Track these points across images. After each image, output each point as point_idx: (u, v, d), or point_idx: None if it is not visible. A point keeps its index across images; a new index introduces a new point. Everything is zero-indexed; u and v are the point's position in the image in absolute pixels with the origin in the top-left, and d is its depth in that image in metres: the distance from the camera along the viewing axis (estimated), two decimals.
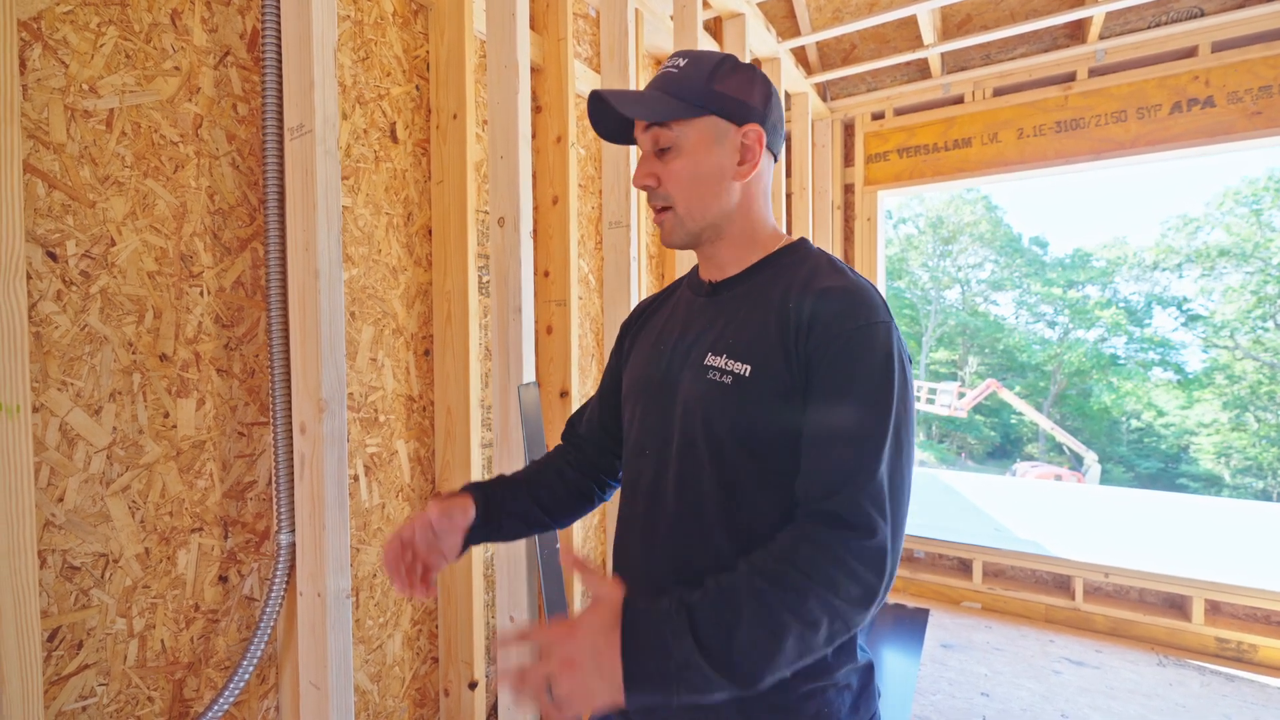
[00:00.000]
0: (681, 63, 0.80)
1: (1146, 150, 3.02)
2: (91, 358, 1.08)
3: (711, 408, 0.75)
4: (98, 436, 1.09)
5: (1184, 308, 21.43)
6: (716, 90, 0.78)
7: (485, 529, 0.88)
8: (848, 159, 3.85)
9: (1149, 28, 2.96)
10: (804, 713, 0.72)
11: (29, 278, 1.00)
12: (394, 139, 1.65)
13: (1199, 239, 20.40)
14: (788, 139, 3.60)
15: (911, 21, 3.25)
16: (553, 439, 1.98)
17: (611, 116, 0.83)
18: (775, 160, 0.86)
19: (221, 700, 1.18)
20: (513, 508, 0.91)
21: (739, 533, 0.74)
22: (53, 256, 1.03)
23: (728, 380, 0.74)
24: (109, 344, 1.10)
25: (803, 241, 0.85)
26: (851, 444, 0.66)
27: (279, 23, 1.20)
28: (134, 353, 1.14)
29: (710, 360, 0.77)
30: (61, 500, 1.04)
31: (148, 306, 1.15)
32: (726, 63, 0.80)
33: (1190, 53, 2.92)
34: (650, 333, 0.92)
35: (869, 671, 0.78)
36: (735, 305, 0.81)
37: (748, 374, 0.73)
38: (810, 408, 0.70)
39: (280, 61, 1.20)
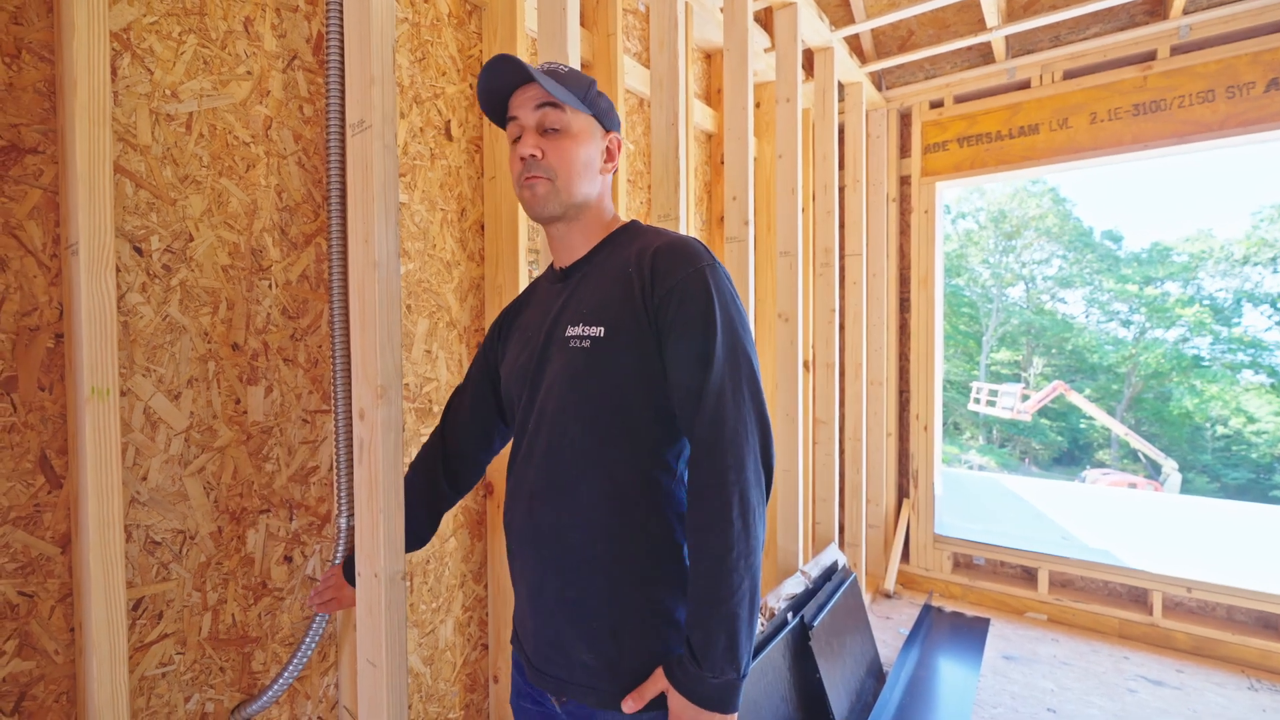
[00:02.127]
0: (563, 69, 0.94)
1: (1238, 132, 2.80)
2: (172, 346, 1.15)
3: (575, 371, 0.87)
4: (177, 420, 1.16)
5: (1278, 305, 19.77)
6: (593, 98, 0.94)
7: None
8: (904, 150, 3.72)
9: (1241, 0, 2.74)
10: (668, 620, 0.87)
11: (118, 271, 1.07)
12: (449, 137, 1.69)
13: None
14: (841, 130, 3.51)
15: (974, 4, 3.12)
16: None
17: (506, 85, 0.93)
18: None
19: (286, 674, 1.24)
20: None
21: (609, 484, 0.86)
22: (139, 251, 1.10)
23: (586, 344, 0.86)
24: (187, 333, 1.17)
25: (634, 222, 1.00)
26: (705, 367, 0.81)
27: (342, 26, 1.25)
28: (209, 342, 1.20)
29: (569, 331, 0.89)
30: (145, 479, 1.11)
31: (221, 298, 1.22)
32: (595, 84, 0.97)
33: None
34: (519, 329, 1.04)
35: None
36: (584, 281, 0.93)
37: (602, 335, 0.85)
38: (668, 350, 0.83)
39: (343, 63, 1.25)
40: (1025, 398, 14.88)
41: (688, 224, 2.40)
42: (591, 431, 0.86)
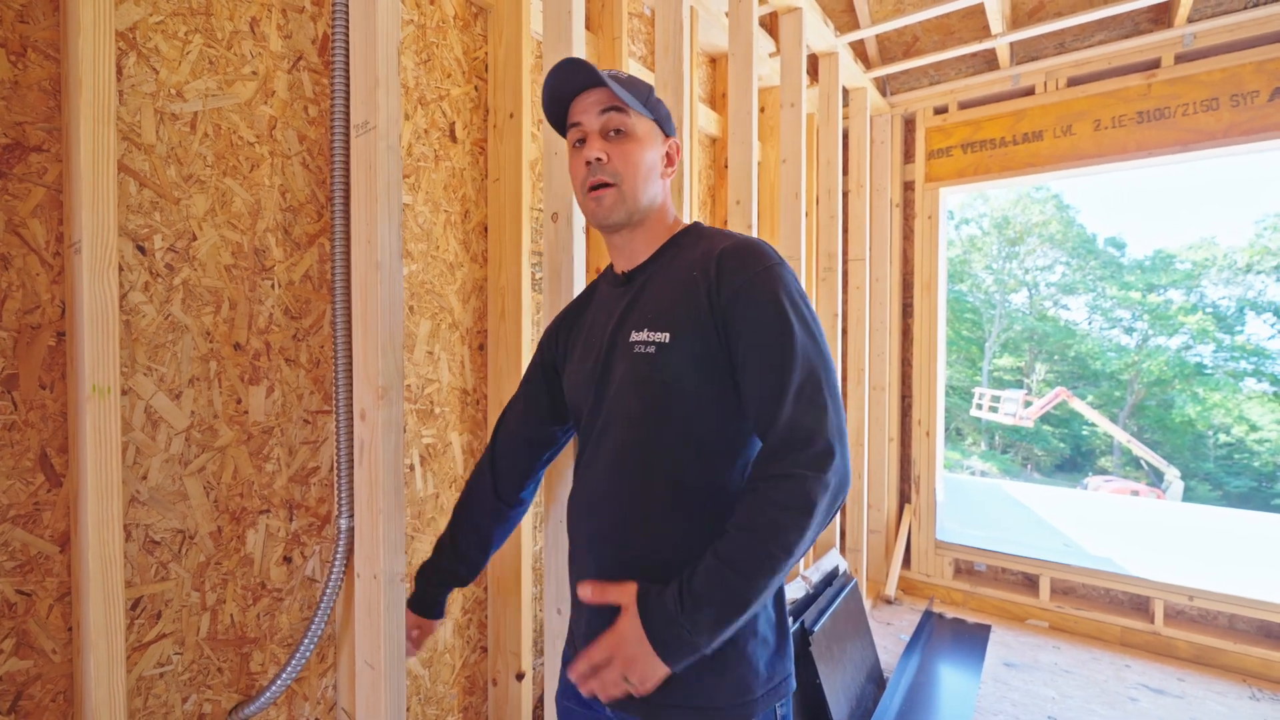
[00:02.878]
0: (623, 75, 0.93)
1: (1242, 140, 2.79)
2: (174, 345, 1.15)
3: (640, 377, 0.85)
4: (178, 419, 1.15)
5: None
6: (654, 103, 0.94)
7: (436, 606, 1.16)
8: (908, 155, 3.72)
9: (1246, 8, 2.74)
10: (729, 660, 0.82)
11: (120, 269, 1.07)
12: (453, 138, 1.69)
13: None
14: (845, 136, 3.51)
15: (978, 10, 3.12)
16: None
17: (572, 88, 0.92)
18: None
19: (284, 675, 1.24)
20: (443, 587, 1.15)
21: (675, 491, 0.83)
22: (141, 250, 1.11)
23: (651, 350, 0.84)
24: (189, 333, 1.17)
25: (696, 224, 0.97)
26: (785, 381, 0.77)
27: (347, 27, 1.25)
28: (211, 341, 1.20)
29: (634, 337, 0.87)
30: (145, 478, 1.11)
31: (224, 298, 1.22)
32: (654, 89, 0.97)
33: None
34: (580, 333, 1.02)
35: (785, 631, 0.89)
36: (648, 285, 0.91)
37: (668, 340, 0.83)
38: (738, 353, 0.81)
39: (348, 64, 1.25)
40: (1028, 404, 14.85)
41: None
42: (656, 438, 0.84)
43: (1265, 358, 19.93)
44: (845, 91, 3.32)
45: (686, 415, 0.83)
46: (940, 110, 3.58)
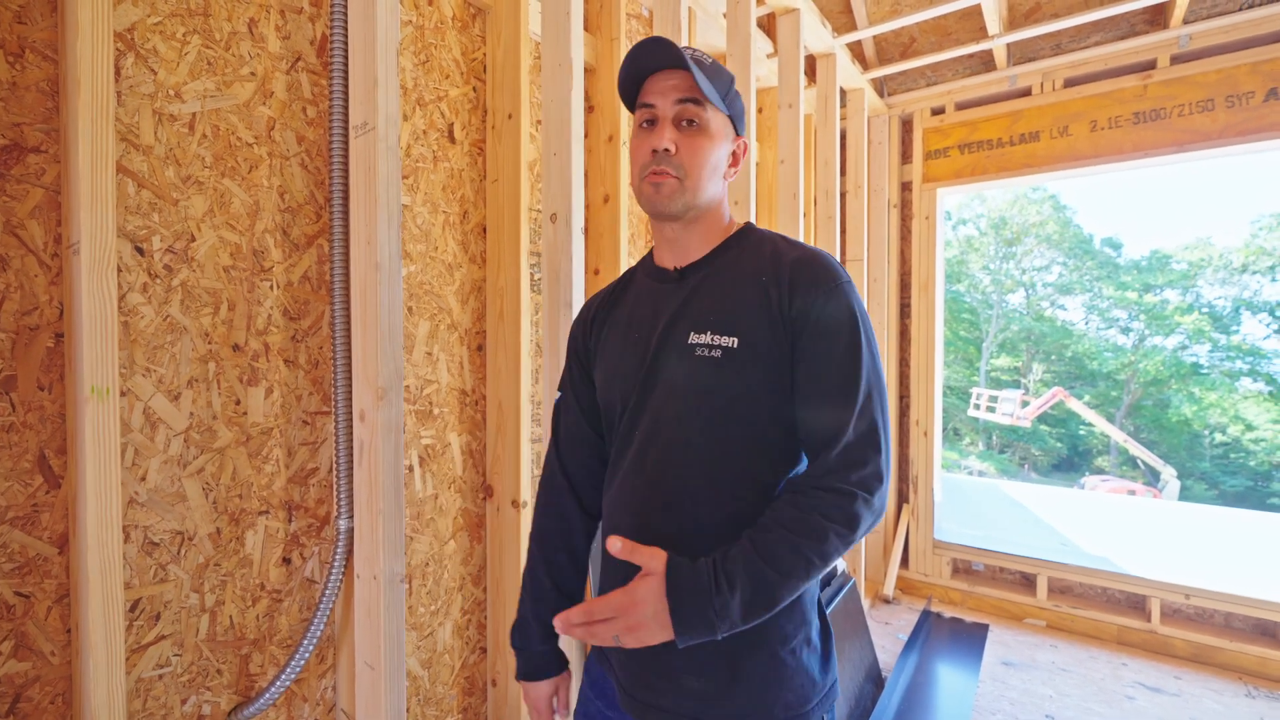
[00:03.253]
0: (708, 59, 0.86)
1: (1237, 141, 2.80)
2: (172, 346, 1.15)
3: (704, 382, 0.81)
4: (177, 421, 1.15)
5: (1277, 314, 19.80)
6: (733, 98, 0.88)
7: (559, 658, 0.99)
8: (905, 156, 3.73)
9: (1241, 9, 2.75)
10: (789, 670, 0.80)
11: (119, 270, 1.07)
12: (451, 139, 1.69)
13: None
14: (842, 136, 3.52)
15: (975, 12, 3.13)
16: None
17: (652, 66, 0.86)
18: None
19: (284, 677, 1.24)
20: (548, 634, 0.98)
21: (732, 501, 0.80)
22: (140, 251, 1.10)
23: (717, 354, 0.80)
24: (188, 334, 1.17)
25: (750, 225, 0.93)
26: (845, 393, 0.76)
27: (346, 28, 1.25)
28: (210, 343, 1.20)
29: (694, 339, 0.83)
30: (144, 479, 1.11)
31: (223, 299, 1.22)
32: (735, 81, 0.89)
33: None
34: (616, 327, 0.95)
35: (830, 637, 0.88)
36: (708, 285, 0.87)
37: (735, 345, 0.80)
38: (801, 370, 0.79)
39: (347, 65, 1.26)
40: (1025, 404, 14.89)
41: None
42: (715, 445, 0.81)
43: (1261, 357, 20.02)
44: (843, 92, 3.33)
45: (748, 422, 0.80)
46: (937, 111, 3.59)
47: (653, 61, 0.85)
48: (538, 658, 0.97)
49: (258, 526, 1.28)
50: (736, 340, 0.80)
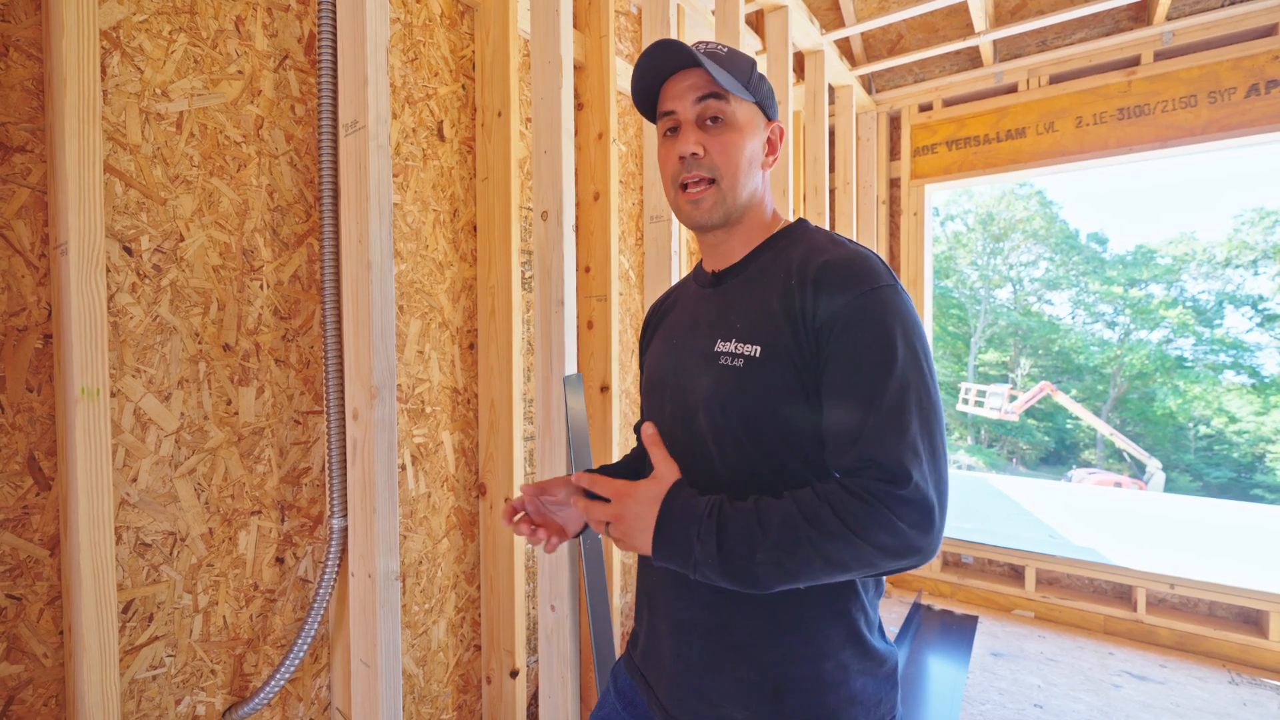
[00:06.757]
0: (722, 50, 0.81)
1: (1219, 136, 2.85)
2: (162, 347, 1.14)
3: (726, 393, 0.77)
4: (167, 421, 1.15)
5: (1259, 307, 20.11)
6: (756, 83, 0.82)
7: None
8: (893, 152, 3.75)
9: (1222, 6, 2.79)
10: (841, 692, 0.75)
11: (108, 271, 1.06)
12: (441, 137, 1.69)
13: (1277, 233, 19.11)
14: (831, 133, 3.54)
15: (962, 8, 3.15)
16: (595, 434, 1.99)
17: (664, 71, 0.81)
18: None
19: (278, 676, 1.24)
20: None
21: None
22: (128, 251, 1.10)
23: (739, 364, 0.76)
24: (178, 334, 1.16)
25: (801, 222, 0.86)
26: (873, 407, 0.68)
27: (334, 25, 1.25)
28: (200, 343, 1.20)
29: (720, 347, 0.79)
30: (135, 480, 1.10)
31: (213, 299, 1.21)
32: (757, 65, 0.84)
33: (1269, 31, 2.74)
34: (664, 330, 0.94)
35: (894, 664, 0.81)
36: (739, 291, 0.82)
37: (758, 354, 0.75)
38: (826, 379, 0.72)
39: (335, 62, 1.25)
40: (1013, 398, 15.04)
41: (679, 225, 2.40)
42: (739, 459, 0.76)
43: (1244, 350, 20.33)
44: (831, 89, 3.34)
45: (776, 434, 0.74)
46: (925, 108, 3.62)
47: (664, 66, 0.81)
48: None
49: (250, 526, 1.27)
50: (759, 349, 0.75)
